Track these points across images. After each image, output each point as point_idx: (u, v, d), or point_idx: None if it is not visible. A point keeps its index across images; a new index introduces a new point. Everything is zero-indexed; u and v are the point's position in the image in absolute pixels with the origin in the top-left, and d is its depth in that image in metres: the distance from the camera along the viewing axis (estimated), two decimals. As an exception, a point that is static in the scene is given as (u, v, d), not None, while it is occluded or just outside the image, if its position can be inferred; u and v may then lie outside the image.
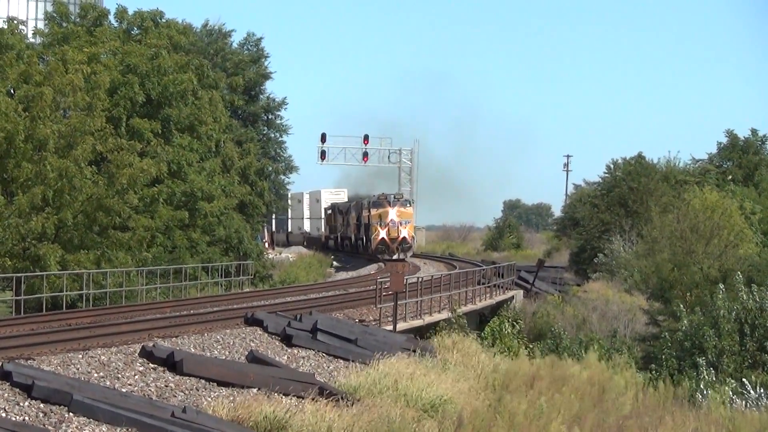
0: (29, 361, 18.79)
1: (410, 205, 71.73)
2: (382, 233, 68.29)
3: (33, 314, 31.88)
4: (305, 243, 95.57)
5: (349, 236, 79.61)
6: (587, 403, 25.10)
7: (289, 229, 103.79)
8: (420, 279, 36.53)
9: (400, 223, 68.39)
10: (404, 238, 68.54)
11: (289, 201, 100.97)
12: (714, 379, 34.09)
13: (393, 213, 68.45)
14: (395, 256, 67.28)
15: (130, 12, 54.46)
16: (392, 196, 70.76)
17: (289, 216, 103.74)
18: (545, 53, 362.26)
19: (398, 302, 31.71)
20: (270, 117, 76.59)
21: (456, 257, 78.00)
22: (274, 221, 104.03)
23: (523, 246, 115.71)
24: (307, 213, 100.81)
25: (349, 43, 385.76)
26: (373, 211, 69.78)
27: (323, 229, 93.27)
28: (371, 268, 61.55)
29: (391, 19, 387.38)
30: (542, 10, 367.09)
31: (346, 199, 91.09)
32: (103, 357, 20.07)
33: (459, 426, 20.10)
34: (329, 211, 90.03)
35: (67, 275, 36.83)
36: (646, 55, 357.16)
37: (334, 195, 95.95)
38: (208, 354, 22.60)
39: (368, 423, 19.10)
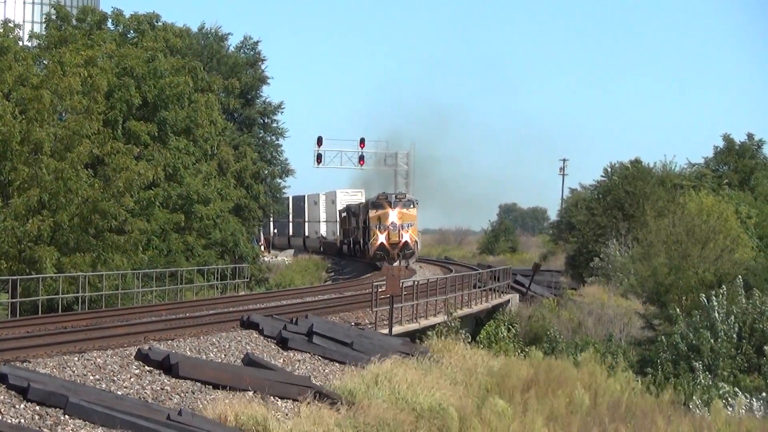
0: (25, 364, 18.80)
1: (413, 206, 63.39)
2: (381, 238, 61.49)
3: (29, 317, 31.87)
4: (322, 248, 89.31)
5: (359, 240, 71.22)
6: (580, 406, 25.12)
7: (306, 234, 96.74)
8: (416, 282, 36.55)
9: (402, 227, 61.45)
10: (406, 242, 61.44)
11: (306, 203, 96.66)
12: (710, 383, 34.12)
13: (394, 215, 61.64)
14: (395, 264, 58.70)
15: (127, 15, 54.50)
16: (393, 195, 63.58)
17: (306, 219, 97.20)
18: (542, 56, 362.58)
19: (394, 305, 31.74)
20: (266, 121, 76.49)
21: (452, 261, 77.97)
22: (291, 225, 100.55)
23: (519, 250, 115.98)
24: (323, 216, 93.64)
25: (344, 47, 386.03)
26: (372, 213, 62.81)
27: (338, 233, 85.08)
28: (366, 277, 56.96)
29: (379, 25, 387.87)
30: (537, 12, 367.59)
31: (363, 200, 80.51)
32: (98, 360, 20.07)
33: (448, 429, 20.12)
34: (344, 214, 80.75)
35: (63, 278, 36.81)
36: (643, 59, 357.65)
37: (350, 196, 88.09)
38: (204, 357, 22.61)
39: (363, 426, 19.13)
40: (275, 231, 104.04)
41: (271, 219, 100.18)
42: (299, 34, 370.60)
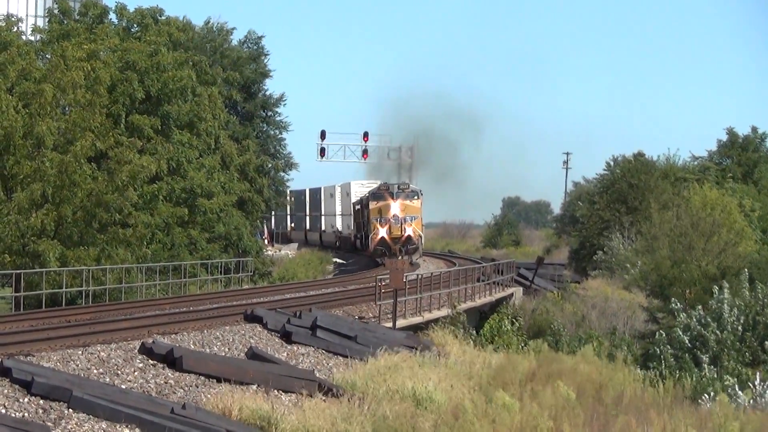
0: (29, 358, 18.81)
1: (417, 198, 59.22)
2: (382, 232, 57.61)
3: (32, 311, 31.88)
4: (338, 243, 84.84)
5: (369, 235, 63.77)
6: (584, 399, 25.11)
7: (323, 228, 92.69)
8: (420, 276, 36.53)
9: (404, 220, 57.58)
10: (409, 237, 57.47)
11: (322, 195, 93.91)
12: (714, 376, 34.09)
13: (396, 207, 57.71)
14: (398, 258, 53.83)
15: (130, 9, 54.50)
16: (396, 186, 59.89)
17: (322, 212, 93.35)
18: (544, 50, 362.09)
19: (398, 299, 31.73)
20: (268, 114, 76.35)
21: (455, 254, 77.86)
22: (307, 219, 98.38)
23: (523, 243, 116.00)
24: (339, 209, 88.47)
25: (348, 41, 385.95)
26: (372, 205, 58.89)
27: (352, 227, 78.40)
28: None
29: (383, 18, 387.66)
30: (537, 10, 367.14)
31: None
32: (102, 353, 20.08)
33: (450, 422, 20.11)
34: (357, 207, 73.66)
35: (67, 272, 36.83)
36: (647, 52, 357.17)
37: (365, 188, 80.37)
38: (208, 351, 22.62)
39: (366, 418, 19.14)
40: (292, 225, 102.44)
41: (288, 213, 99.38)
42: (303, 26, 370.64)
